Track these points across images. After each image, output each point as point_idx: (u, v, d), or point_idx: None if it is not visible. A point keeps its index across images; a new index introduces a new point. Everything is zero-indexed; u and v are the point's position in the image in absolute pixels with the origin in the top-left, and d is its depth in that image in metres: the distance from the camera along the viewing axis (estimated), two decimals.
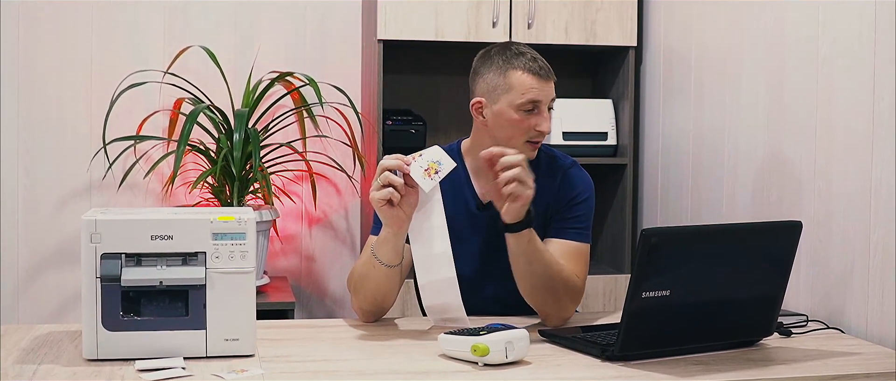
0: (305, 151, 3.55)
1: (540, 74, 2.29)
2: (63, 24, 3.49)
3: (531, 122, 2.29)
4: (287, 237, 3.69)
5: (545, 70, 2.30)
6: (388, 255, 2.16)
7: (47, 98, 3.50)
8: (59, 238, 3.53)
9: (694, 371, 1.89)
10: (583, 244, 2.35)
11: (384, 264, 2.17)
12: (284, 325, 2.31)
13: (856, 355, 2.07)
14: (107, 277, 1.87)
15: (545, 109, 2.30)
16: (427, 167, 2.09)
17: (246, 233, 1.92)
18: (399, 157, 2.09)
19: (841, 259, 2.37)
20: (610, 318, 2.37)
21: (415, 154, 2.12)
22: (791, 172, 2.58)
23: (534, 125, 2.29)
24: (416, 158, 2.10)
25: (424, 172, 2.08)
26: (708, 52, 3.07)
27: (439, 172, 2.09)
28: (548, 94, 2.30)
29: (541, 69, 2.29)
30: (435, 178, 2.08)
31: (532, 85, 2.28)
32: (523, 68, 2.29)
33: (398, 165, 2.08)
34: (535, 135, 2.30)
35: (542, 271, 2.21)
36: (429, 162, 2.09)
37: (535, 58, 2.31)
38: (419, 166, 2.09)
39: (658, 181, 3.43)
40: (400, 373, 1.88)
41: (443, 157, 2.10)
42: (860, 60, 2.31)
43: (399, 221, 2.11)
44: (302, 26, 3.65)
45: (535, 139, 2.31)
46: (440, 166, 2.09)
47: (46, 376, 1.81)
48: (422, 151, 2.13)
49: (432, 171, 2.08)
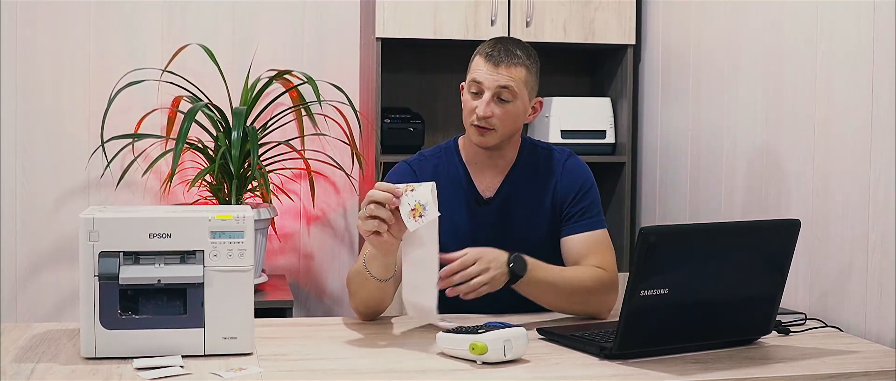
0: (304, 149, 3.55)
1: (490, 60, 2.30)
2: (61, 22, 3.49)
3: (474, 104, 2.32)
4: (285, 236, 3.69)
5: (498, 58, 2.30)
6: (378, 270, 2.14)
7: (45, 96, 3.50)
8: (57, 236, 3.53)
9: (692, 370, 1.89)
10: (600, 231, 2.37)
11: (375, 278, 2.16)
12: (283, 323, 2.31)
13: (854, 353, 2.07)
14: (105, 275, 1.87)
15: (489, 94, 2.29)
16: (414, 207, 2.02)
17: (244, 231, 1.92)
18: (389, 188, 2.03)
19: (839, 258, 2.37)
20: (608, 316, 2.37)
21: (407, 187, 2.04)
22: (789, 170, 2.58)
23: (474, 108, 2.31)
24: (408, 192, 2.03)
25: (411, 212, 2.02)
26: (706, 50, 3.07)
27: (423, 216, 2.02)
28: (494, 79, 2.29)
29: (492, 55, 2.31)
30: (419, 221, 2.01)
31: (479, 68, 2.31)
32: (481, 53, 2.34)
33: (387, 199, 2.01)
34: (476, 119, 2.31)
35: (566, 292, 2.25)
36: (416, 202, 2.02)
37: (499, 47, 2.32)
38: (407, 203, 2.02)
39: (656, 180, 3.43)
40: (398, 371, 1.87)
41: (431, 201, 2.02)
42: (858, 59, 2.31)
43: (386, 246, 2.07)
44: (300, 24, 3.65)
45: (477, 124, 2.32)
46: (425, 211, 2.01)
47: (44, 374, 1.81)
48: (416, 185, 2.04)
49: (418, 213, 2.02)
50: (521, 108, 2.33)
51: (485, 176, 2.42)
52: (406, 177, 2.42)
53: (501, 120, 2.31)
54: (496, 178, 2.42)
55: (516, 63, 2.31)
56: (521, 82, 2.31)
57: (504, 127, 2.32)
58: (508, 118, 2.31)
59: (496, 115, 2.30)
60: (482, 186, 2.41)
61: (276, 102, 3.47)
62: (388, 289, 2.20)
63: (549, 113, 3.48)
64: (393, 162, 3.20)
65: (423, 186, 2.04)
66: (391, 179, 2.43)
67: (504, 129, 2.33)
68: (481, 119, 2.30)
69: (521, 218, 2.39)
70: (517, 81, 2.30)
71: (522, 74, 2.32)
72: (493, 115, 2.30)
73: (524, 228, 2.38)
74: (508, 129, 2.34)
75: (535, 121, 3.61)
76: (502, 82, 2.29)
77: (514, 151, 2.43)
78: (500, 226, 2.40)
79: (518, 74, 2.31)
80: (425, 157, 2.47)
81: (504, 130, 2.33)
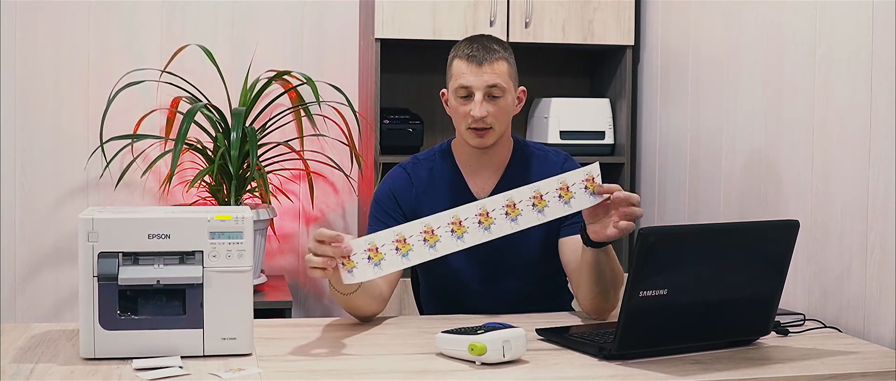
0: (303, 149, 3.55)
1: (473, 61, 2.30)
2: (60, 23, 3.49)
3: (466, 108, 2.31)
4: (284, 236, 3.69)
5: (480, 58, 2.30)
6: (340, 285, 2.09)
7: (44, 97, 3.50)
8: (56, 237, 3.53)
9: (691, 370, 1.89)
10: None
11: (340, 292, 2.13)
12: (282, 324, 2.31)
13: (853, 354, 2.07)
14: (104, 276, 1.87)
15: (480, 95, 2.30)
16: (369, 248, 2.00)
17: (243, 232, 1.92)
18: (334, 237, 1.98)
19: (838, 258, 2.37)
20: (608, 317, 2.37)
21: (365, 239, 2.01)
22: (788, 171, 2.58)
23: (468, 112, 2.30)
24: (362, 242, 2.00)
25: (366, 252, 1.99)
26: (705, 51, 3.07)
27: (351, 273, 1.99)
28: (481, 80, 2.30)
29: (473, 56, 2.30)
30: (374, 269, 2.00)
31: (463, 71, 2.31)
32: (459, 55, 2.33)
33: (334, 238, 1.97)
34: (472, 122, 2.31)
35: (610, 278, 2.25)
36: (368, 246, 2.00)
37: (476, 45, 2.32)
38: (362, 247, 2.00)
39: (655, 180, 3.43)
40: (397, 372, 1.87)
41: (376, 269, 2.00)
42: (857, 60, 2.31)
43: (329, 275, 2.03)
44: (299, 25, 3.65)
45: (474, 126, 2.32)
46: (354, 271, 1.99)
47: (43, 375, 1.81)
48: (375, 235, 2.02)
49: (374, 261, 2.00)
50: (510, 101, 2.35)
51: (479, 177, 2.42)
52: (401, 182, 2.42)
53: (496, 117, 2.32)
54: (491, 178, 2.42)
55: (498, 58, 2.32)
56: (506, 76, 2.33)
57: (500, 124, 2.34)
58: (502, 114, 2.33)
59: (491, 113, 2.31)
60: (476, 188, 2.41)
61: (275, 103, 3.47)
62: (358, 298, 2.17)
63: (548, 114, 3.48)
64: (392, 163, 3.20)
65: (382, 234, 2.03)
66: (386, 185, 2.43)
67: (500, 125, 2.34)
68: (478, 121, 2.30)
69: None
70: (502, 75, 2.32)
71: (505, 68, 2.33)
72: (488, 114, 2.30)
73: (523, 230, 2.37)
74: (503, 124, 2.36)
75: (534, 121, 3.62)
76: (490, 81, 2.30)
77: (508, 149, 2.43)
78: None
79: (502, 69, 2.32)
80: (419, 160, 2.47)
81: (500, 127, 2.34)
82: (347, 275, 2.01)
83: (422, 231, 2.04)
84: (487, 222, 2.07)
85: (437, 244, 2.04)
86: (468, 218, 2.06)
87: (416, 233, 2.04)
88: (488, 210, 2.07)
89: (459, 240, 2.06)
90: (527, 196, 2.10)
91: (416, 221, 2.07)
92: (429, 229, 2.04)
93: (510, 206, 2.08)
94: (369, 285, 2.18)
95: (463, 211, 2.07)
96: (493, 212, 2.07)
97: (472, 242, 2.07)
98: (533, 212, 2.10)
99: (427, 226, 2.04)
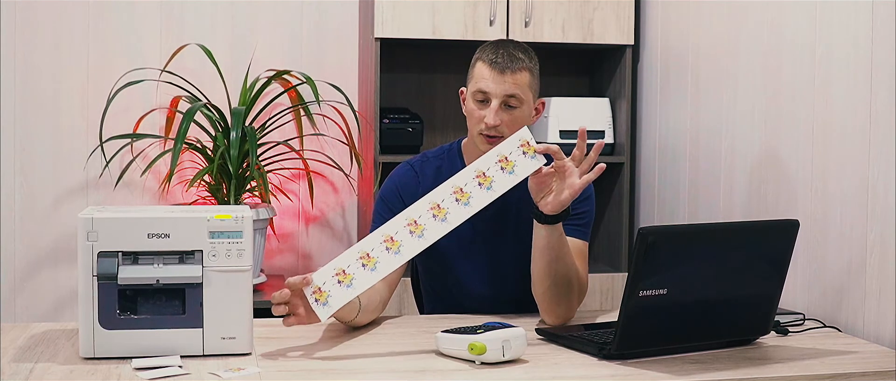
0: (302, 149, 3.54)
1: (495, 67, 2.27)
2: (59, 22, 3.48)
3: (481, 113, 2.29)
4: (284, 236, 3.68)
5: (503, 65, 2.27)
6: (337, 316, 2.10)
7: (44, 96, 3.49)
8: (55, 236, 3.53)
9: (691, 370, 1.89)
10: (584, 242, 2.35)
11: (343, 321, 2.15)
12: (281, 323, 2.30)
13: (853, 353, 2.07)
14: (103, 275, 1.87)
15: (497, 102, 2.27)
16: (336, 272, 2.01)
17: (243, 231, 1.92)
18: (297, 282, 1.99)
19: (838, 258, 2.37)
20: (607, 316, 2.37)
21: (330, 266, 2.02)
22: (788, 170, 2.58)
23: (483, 117, 2.29)
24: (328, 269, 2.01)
25: (334, 277, 2.00)
26: (705, 50, 3.07)
27: (327, 303, 1.99)
28: (501, 88, 2.27)
29: (497, 62, 2.27)
30: (347, 291, 2.00)
31: (484, 76, 2.28)
32: (483, 59, 2.30)
33: (304, 284, 1.99)
34: (484, 128, 2.29)
35: (563, 272, 2.21)
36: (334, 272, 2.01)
37: (502, 52, 2.29)
38: (328, 274, 2.00)
39: (655, 180, 3.43)
40: (397, 372, 1.87)
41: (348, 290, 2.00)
42: (857, 59, 2.31)
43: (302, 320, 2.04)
44: (299, 24, 3.65)
45: (485, 132, 2.29)
46: (329, 299, 1.99)
47: (43, 374, 1.81)
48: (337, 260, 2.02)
49: (321, 300, 2.00)
50: (527, 112, 2.32)
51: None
52: (407, 179, 2.42)
53: (510, 127, 2.28)
54: None
55: (521, 68, 2.28)
56: (527, 87, 2.30)
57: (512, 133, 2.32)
58: (516, 124, 2.28)
59: (505, 121, 2.28)
60: None
61: (274, 103, 3.47)
62: (364, 317, 2.18)
63: (547, 113, 3.48)
64: (392, 162, 3.21)
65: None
66: (392, 182, 2.43)
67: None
68: (491, 128, 2.28)
69: (519, 220, 2.38)
70: (523, 86, 2.29)
71: (527, 79, 2.30)
72: (501, 122, 2.28)
73: (522, 230, 2.38)
74: None
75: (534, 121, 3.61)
76: (509, 91, 2.27)
77: None
78: (499, 228, 2.39)
79: (523, 79, 2.29)
80: (428, 158, 2.46)
81: None
82: (322, 309, 1.99)
83: (382, 241, 2.03)
84: (441, 214, 2.06)
85: (401, 248, 2.03)
86: (422, 216, 2.05)
87: (377, 244, 2.03)
88: (438, 203, 2.06)
89: (420, 238, 2.03)
90: (470, 178, 2.09)
91: (375, 231, 2.06)
92: (387, 237, 2.04)
93: (458, 191, 2.07)
94: (368, 302, 2.18)
95: (414, 210, 2.06)
96: (443, 203, 2.06)
97: (425, 245, 2.04)
98: (481, 191, 2.08)
99: (386, 235, 2.04)
